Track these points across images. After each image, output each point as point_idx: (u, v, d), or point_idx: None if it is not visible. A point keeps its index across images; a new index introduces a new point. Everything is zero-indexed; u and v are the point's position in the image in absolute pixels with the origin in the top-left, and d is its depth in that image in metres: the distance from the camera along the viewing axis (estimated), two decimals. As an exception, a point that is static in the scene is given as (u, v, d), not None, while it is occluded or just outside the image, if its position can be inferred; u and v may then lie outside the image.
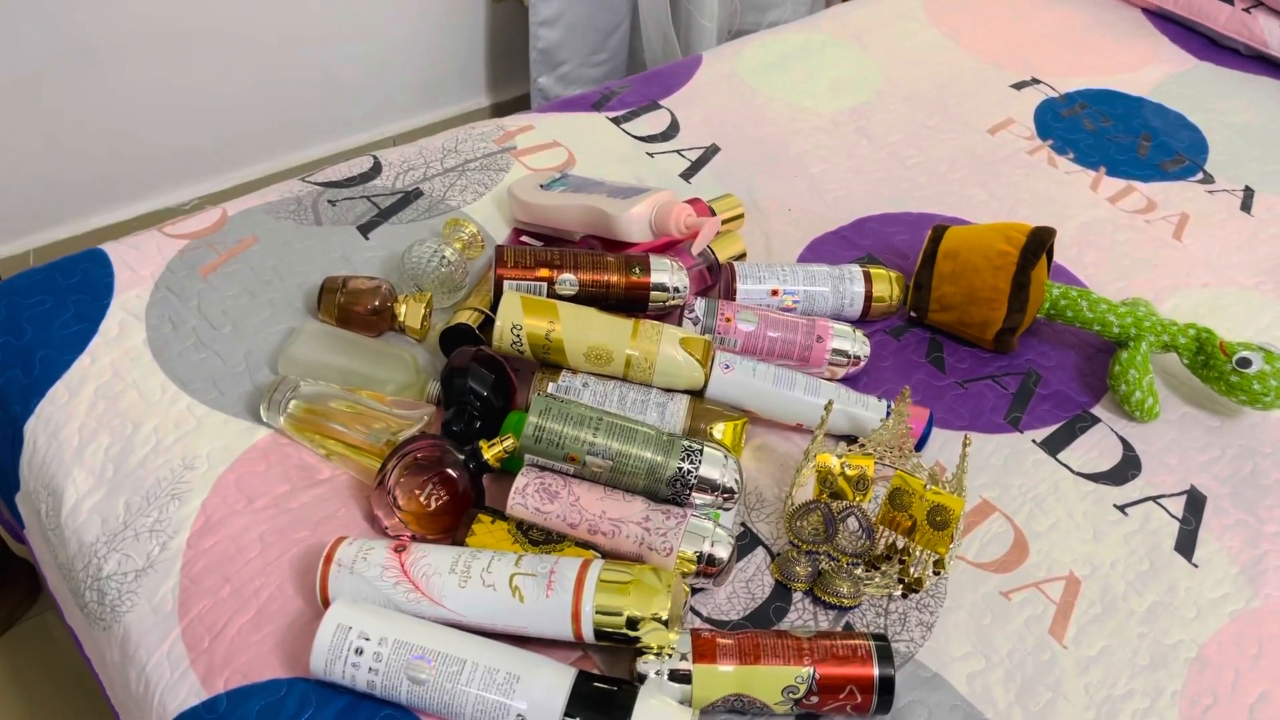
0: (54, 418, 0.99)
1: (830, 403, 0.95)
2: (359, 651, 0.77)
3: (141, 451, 0.96)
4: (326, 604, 0.82)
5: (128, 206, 1.94)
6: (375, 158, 1.32)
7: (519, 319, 0.98)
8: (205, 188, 2.01)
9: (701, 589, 0.89)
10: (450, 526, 0.90)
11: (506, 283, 1.03)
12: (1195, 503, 1.02)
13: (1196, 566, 0.96)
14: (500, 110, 2.36)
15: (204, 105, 1.93)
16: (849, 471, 0.88)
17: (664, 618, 0.78)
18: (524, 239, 1.21)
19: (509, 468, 0.95)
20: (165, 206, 1.97)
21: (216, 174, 2.02)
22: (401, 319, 1.08)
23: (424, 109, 2.24)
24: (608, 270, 1.04)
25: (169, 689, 0.81)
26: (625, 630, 0.78)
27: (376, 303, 1.07)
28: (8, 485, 1.02)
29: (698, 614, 0.88)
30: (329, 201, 1.24)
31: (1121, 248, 1.31)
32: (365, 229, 1.21)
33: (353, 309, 1.07)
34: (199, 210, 1.22)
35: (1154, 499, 1.02)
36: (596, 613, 0.78)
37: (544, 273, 1.03)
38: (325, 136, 2.13)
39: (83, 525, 0.91)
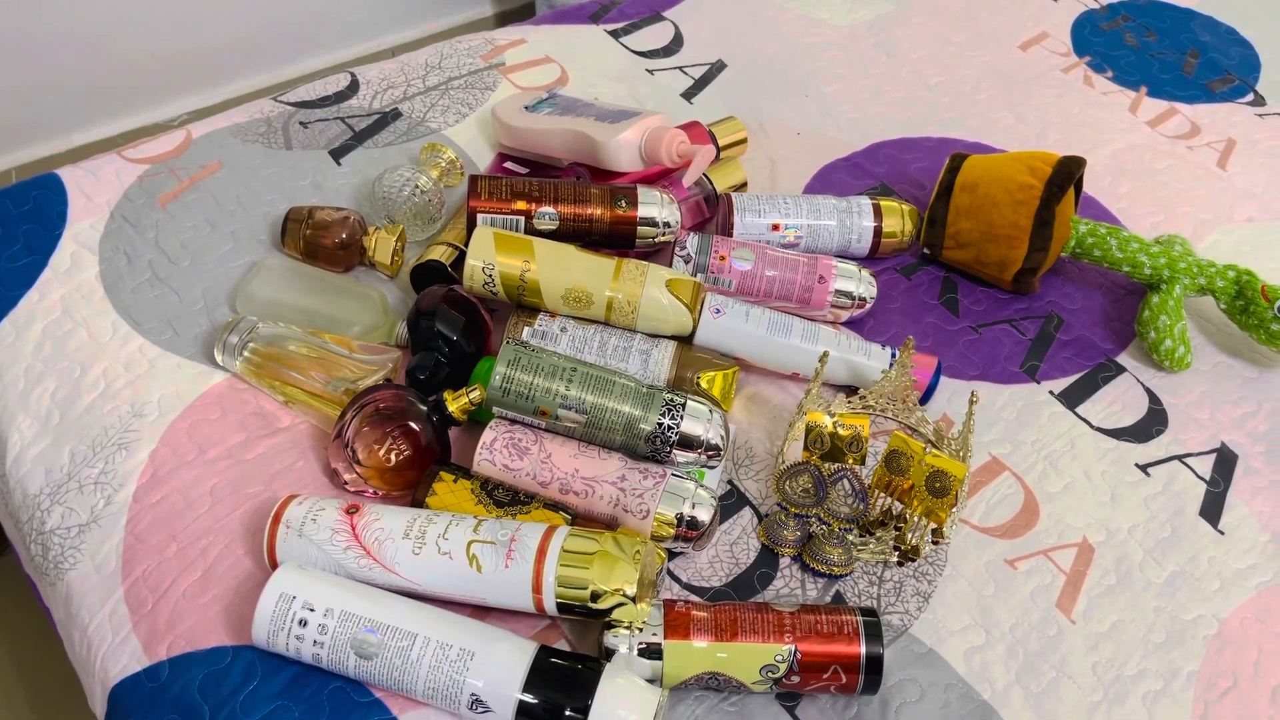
0: (-1, 359, 0.93)
1: (825, 354, 0.87)
2: (303, 623, 0.71)
3: (89, 396, 0.90)
4: (275, 567, 0.76)
5: (94, 128, 1.83)
6: (353, 74, 1.23)
7: (491, 257, 0.90)
8: (190, 103, 1.91)
9: (681, 553, 0.83)
10: (413, 482, 0.84)
11: (480, 216, 0.95)
12: (1225, 462, 0.94)
13: (1222, 533, 0.89)
14: (505, 20, 2.24)
15: (189, 10, 1.82)
16: (842, 431, 0.80)
17: (630, 592, 0.72)
18: (508, 165, 1.12)
19: (479, 419, 0.88)
20: (151, 124, 1.88)
21: (202, 89, 1.93)
22: (371, 253, 1.00)
23: (422, 17, 2.12)
24: (591, 203, 0.96)
25: (110, 653, 0.76)
26: (589, 604, 0.72)
27: (344, 235, 1.00)
28: (-42, 427, 0.97)
29: (676, 579, 0.82)
30: (300, 123, 1.16)
31: (1160, 177, 1.21)
32: (338, 153, 1.13)
33: (319, 242, 1.00)
34: (163, 132, 1.14)
35: (1180, 458, 0.94)
36: (558, 585, 0.72)
37: (521, 205, 0.95)
38: (310, 50, 2.01)
39: (26, 475, 0.86)
